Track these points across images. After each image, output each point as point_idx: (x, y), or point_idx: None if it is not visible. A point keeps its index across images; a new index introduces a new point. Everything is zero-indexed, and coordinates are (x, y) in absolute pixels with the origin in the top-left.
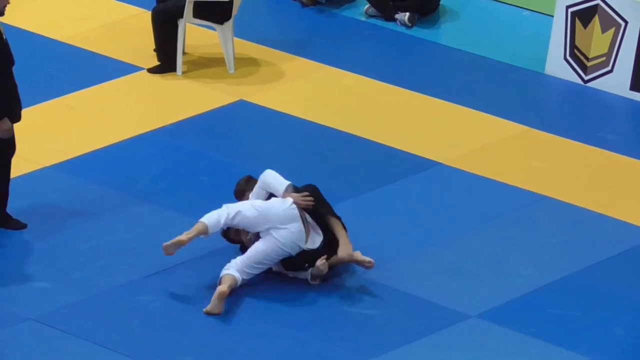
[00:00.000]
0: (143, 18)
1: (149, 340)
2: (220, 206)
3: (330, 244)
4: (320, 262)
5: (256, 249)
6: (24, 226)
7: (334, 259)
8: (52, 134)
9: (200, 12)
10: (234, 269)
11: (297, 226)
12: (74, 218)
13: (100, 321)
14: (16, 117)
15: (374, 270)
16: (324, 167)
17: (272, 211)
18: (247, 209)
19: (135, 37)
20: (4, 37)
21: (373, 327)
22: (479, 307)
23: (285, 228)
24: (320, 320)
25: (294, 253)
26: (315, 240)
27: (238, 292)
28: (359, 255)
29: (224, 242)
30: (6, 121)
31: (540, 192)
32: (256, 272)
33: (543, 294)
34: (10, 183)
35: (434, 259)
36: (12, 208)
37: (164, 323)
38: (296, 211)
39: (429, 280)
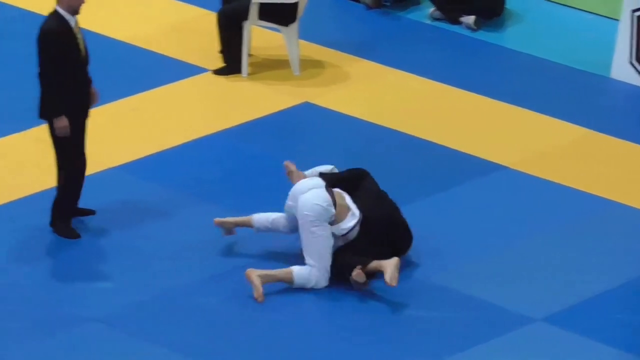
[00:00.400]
0: (208, 20)
1: (210, 341)
2: (283, 208)
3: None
4: (355, 273)
5: (307, 245)
6: (93, 212)
7: (372, 265)
8: (116, 135)
9: (266, 14)
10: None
11: (318, 192)
12: (137, 219)
13: (162, 322)
14: (79, 116)
15: (439, 273)
16: (388, 169)
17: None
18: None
19: (200, 38)
20: (78, 35)
21: (437, 330)
22: (544, 310)
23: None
24: (384, 323)
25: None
26: (349, 222)
27: (299, 295)
28: (391, 267)
29: (285, 245)
30: (63, 119)
31: (604, 196)
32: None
33: (608, 299)
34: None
35: (498, 262)
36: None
37: (225, 324)
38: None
39: (494, 283)
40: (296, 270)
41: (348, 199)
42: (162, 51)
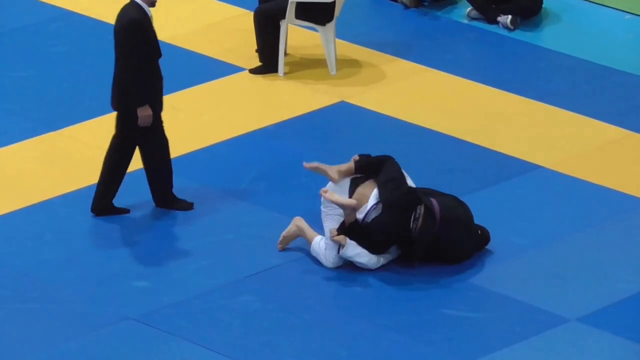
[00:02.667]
0: (245, 19)
1: (248, 341)
2: (319, 207)
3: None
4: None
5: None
6: (191, 205)
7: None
8: None
9: (303, 13)
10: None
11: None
12: (174, 218)
13: (200, 321)
14: (157, 106)
15: (474, 272)
16: (424, 169)
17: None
18: None
19: (237, 37)
20: (154, 28)
21: (473, 329)
22: (579, 310)
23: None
24: (421, 322)
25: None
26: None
27: (337, 293)
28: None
29: None
30: (147, 108)
31: None
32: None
33: None
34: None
35: (534, 262)
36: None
37: (263, 324)
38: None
39: (529, 283)
40: (317, 239)
41: (374, 192)
42: (199, 50)
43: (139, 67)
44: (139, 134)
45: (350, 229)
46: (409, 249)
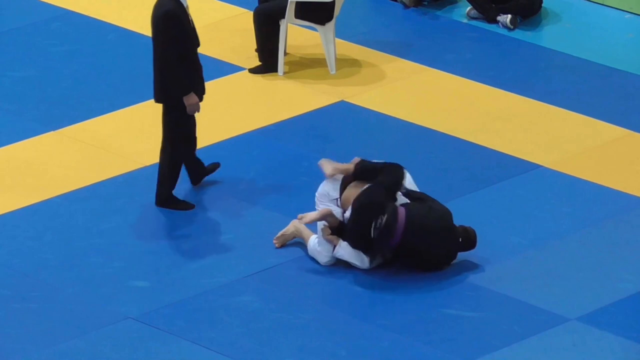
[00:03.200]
0: (245, 18)
1: (248, 340)
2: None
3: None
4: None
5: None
6: (192, 206)
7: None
8: (153, 133)
9: (302, 13)
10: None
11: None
12: (173, 218)
13: (200, 321)
14: (199, 95)
15: (474, 272)
16: (424, 168)
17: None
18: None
19: (236, 37)
20: (190, 18)
21: (472, 329)
22: (579, 310)
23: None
24: (420, 322)
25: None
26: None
27: (337, 293)
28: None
29: None
30: (193, 95)
31: None
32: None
33: None
34: (109, 183)
35: (534, 261)
36: (111, 207)
37: (263, 324)
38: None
39: (529, 282)
40: (312, 238)
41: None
42: (199, 50)
43: (178, 58)
44: (174, 125)
45: (339, 231)
46: (369, 253)
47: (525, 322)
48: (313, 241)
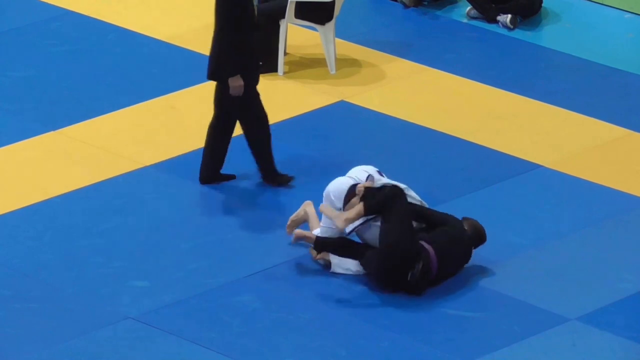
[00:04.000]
0: None
1: (248, 340)
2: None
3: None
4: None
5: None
6: (233, 177)
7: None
8: (153, 133)
9: (302, 13)
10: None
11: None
12: (174, 218)
13: (200, 321)
14: (251, 78)
15: (474, 272)
16: (424, 168)
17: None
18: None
19: None
20: (253, 4)
21: (473, 329)
22: (579, 310)
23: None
24: (420, 322)
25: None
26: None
27: (337, 293)
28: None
29: None
30: (238, 78)
31: None
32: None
33: None
34: (109, 183)
35: (534, 261)
36: (111, 207)
37: (263, 323)
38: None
39: (529, 282)
40: (316, 232)
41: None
42: (199, 50)
43: (232, 39)
44: (235, 108)
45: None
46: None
47: (525, 322)
48: (317, 233)
